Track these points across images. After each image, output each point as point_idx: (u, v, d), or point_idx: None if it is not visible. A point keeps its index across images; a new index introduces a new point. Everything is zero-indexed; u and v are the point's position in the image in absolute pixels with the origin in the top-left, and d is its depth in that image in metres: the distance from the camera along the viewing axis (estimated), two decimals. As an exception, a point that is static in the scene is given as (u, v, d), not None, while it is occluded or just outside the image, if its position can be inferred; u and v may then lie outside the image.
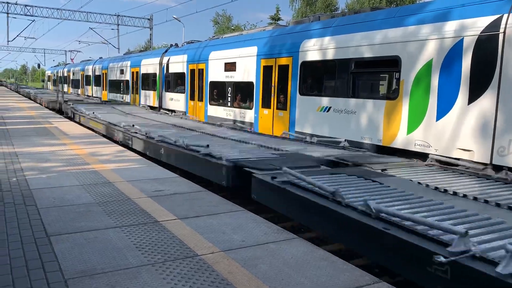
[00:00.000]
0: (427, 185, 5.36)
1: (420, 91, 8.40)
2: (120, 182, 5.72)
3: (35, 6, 34.92)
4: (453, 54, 7.80)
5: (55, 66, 63.99)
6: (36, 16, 35.52)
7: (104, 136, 11.65)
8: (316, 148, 8.47)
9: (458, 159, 7.64)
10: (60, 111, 19.77)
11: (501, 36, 7.05)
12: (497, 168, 7.14)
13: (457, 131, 7.70)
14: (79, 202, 4.74)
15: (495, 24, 7.17)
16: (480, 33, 7.36)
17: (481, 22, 7.39)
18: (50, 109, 20.32)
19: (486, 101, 7.26)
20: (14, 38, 41.64)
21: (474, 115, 7.44)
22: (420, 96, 8.39)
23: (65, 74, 48.06)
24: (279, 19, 50.66)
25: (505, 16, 7.05)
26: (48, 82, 63.99)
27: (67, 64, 56.08)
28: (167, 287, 2.83)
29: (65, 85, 47.71)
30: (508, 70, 6.96)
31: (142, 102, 23.48)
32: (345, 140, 9.23)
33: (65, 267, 3.08)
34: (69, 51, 65.89)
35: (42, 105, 23.14)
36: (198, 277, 2.99)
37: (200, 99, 17.10)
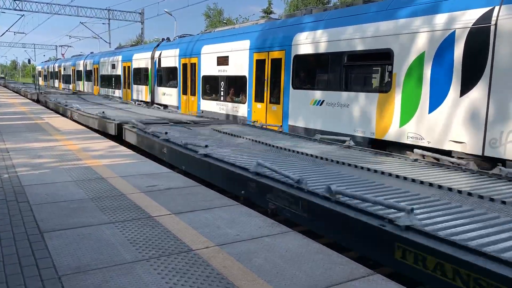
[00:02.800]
0: None
1: (412, 84, 8.42)
2: (113, 178, 5.69)
3: (25, 1, 34.49)
4: (445, 47, 7.82)
5: (45, 61, 63.44)
6: (25, 10, 35.14)
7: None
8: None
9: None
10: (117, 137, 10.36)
11: (492, 28, 7.08)
12: (489, 160, 7.20)
13: (449, 123, 7.75)
14: (72, 198, 4.70)
15: (487, 17, 7.19)
16: (472, 25, 7.39)
17: (473, 15, 7.41)
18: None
19: (478, 93, 7.30)
20: (4, 33, 41.12)
21: (466, 107, 7.48)
22: (412, 89, 8.42)
23: (56, 69, 47.68)
24: (271, 12, 50.53)
25: (497, 8, 7.08)
26: (39, 78, 63.46)
27: (57, 59, 55.62)
28: (162, 282, 2.83)
29: (56, 80, 47.38)
30: (500, 62, 7.00)
31: (134, 97, 23.34)
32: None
33: (58, 263, 3.06)
34: (59, 46, 65.35)
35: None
36: (193, 272, 2.98)
37: (193, 93, 17.04)
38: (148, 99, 21.40)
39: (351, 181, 5.24)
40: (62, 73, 44.29)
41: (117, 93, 26.26)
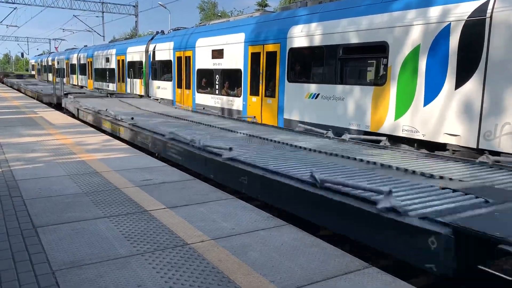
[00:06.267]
0: None
1: (407, 77, 8.42)
2: (107, 172, 5.66)
3: (17, -7, 34.10)
4: (440, 39, 7.81)
5: (39, 55, 62.88)
6: (18, 3, 34.75)
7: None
8: None
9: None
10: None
11: (487, 21, 7.07)
12: (483, 152, 7.23)
13: (444, 116, 7.75)
14: (66, 193, 4.67)
15: (482, 9, 7.18)
16: (467, 18, 7.38)
17: (468, 7, 7.39)
18: None
19: (473, 86, 7.31)
20: (-4, 27, 40.70)
21: (461, 100, 7.49)
22: (407, 82, 8.41)
23: (50, 63, 47.27)
24: (266, 5, 50.32)
25: (492, 1, 7.07)
26: (32, 71, 62.95)
27: (51, 52, 55.13)
28: (157, 276, 2.81)
29: (50, 74, 47.04)
30: (495, 55, 7.00)
31: (129, 90, 23.21)
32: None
33: (52, 258, 3.04)
34: (53, 39, 64.88)
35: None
36: (188, 266, 2.97)
37: (188, 87, 16.96)
38: (143, 93, 21.29)
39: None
40: (56, 67, 43.92)
41: (111, 86, 26.10)
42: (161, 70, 19.45)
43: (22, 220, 3.83)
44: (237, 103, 13.78)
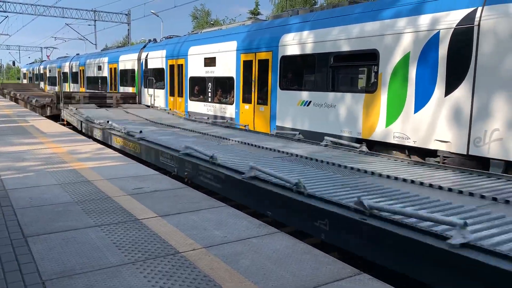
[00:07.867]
0: None
1: (398, 84, 8.50)
2: (99, 181, 5.64)
3: (8, 2, 33.99)
4: (430, 47, 7.91)
5: (30, 63, 62.61)
6: (9, 11, 34.64)
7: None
8: None
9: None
10: None
11: (475, 29, 7.18)
12: (473, 159, 7.30)
13: (435, 122, 7.83)
14: (57, 202, 4.64)
15: (470, 17, 7.29)
16: (456, 26, 7.48)
17: (456, 15, 7.50)
18: None
19: (462, 93, 7.40)
20: (-13, 35, 40.50)
21: (451, 107, 7.57)
22: (398, 89, 8.49)
23: (41, 71, 47.06)
24: (258, 13, 50.55)
25: (480, 9, 7.18)
26: (24, 80, 62.64)
27: (43, 61, 54.92)
28: (149, 285, 2.80)
29: (41, 83, 46.82)
30: (483, 62, 7.10)
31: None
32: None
33: (42, 268, 3.02)
34: (45, 47, 64.68)
35: None
36: (179, 275, 2.97)
37: (180, 94, 16.97)
38: (135, 101, 21.24)
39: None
40: (47, 75, 43.72)
41: None
42: (153, 78, 19.45)
43: (12, 229, 3.79)
44: (229, 111, 13.80)
